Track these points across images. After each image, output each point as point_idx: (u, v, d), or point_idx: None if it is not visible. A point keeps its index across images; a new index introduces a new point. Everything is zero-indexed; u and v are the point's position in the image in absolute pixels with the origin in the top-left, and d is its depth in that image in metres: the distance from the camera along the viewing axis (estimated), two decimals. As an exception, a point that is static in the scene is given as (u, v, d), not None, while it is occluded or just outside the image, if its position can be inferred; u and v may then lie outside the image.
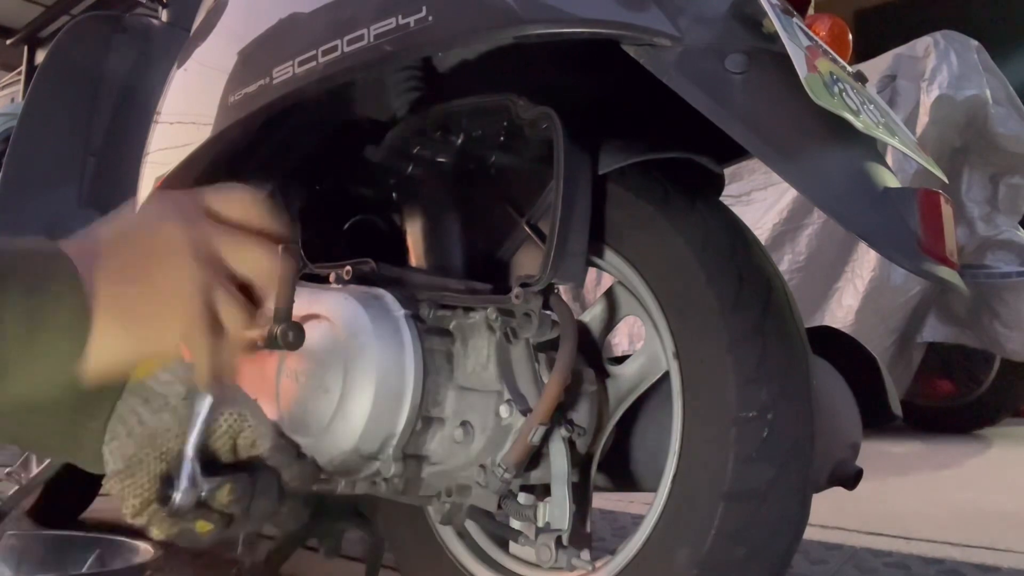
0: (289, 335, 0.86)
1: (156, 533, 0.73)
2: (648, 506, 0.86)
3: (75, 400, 0.67)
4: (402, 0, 0.84)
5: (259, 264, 0.60)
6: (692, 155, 0.88)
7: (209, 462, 0.74)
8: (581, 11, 0.77)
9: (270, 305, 0.63)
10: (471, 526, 1.05)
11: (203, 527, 0.76)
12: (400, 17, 0.84)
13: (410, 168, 1.05)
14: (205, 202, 0.59)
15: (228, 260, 0.58)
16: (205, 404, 0.71)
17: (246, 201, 0.61)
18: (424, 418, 0.88)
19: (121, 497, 0.73)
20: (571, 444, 0.90)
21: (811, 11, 1.01)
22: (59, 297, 0.53)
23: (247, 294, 0.60)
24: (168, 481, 0.73)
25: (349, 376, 0.87)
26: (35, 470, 1.49)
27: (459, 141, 1.01)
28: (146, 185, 1.27)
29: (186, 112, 1.23)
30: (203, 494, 0.74)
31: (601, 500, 1.23)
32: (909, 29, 3.32)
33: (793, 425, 0.80)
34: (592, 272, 0.96)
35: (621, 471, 0.97)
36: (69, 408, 0.68)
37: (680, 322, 0.85)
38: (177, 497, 0.73)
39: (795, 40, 0.69)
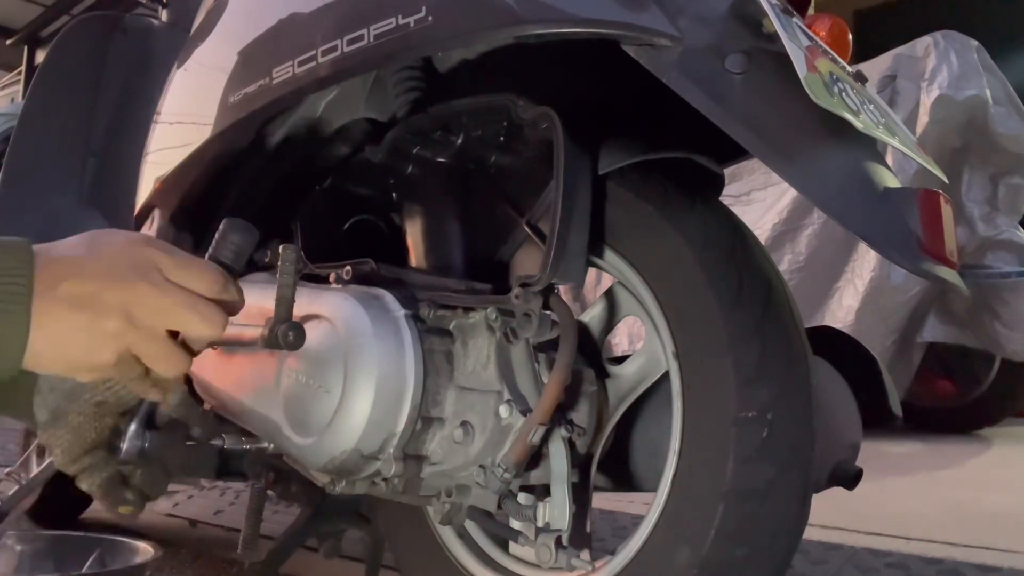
0: (290, 335, 0.86)
1: (85, 485, 0.83)
2: (648, 506, 0.86)
3: None
4: (402, 0, 0.84)
5: (196, 326, 0.62)
6: (692, 155, 0.88)
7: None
8: (581, 11, 0.77)
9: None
10: (471, 526, 1.05)
11: (125, 509, 0.84)
12: (400, 17, 0.84)
13: (410, 168, 1.05)
14: (166, 263, 0.62)
15: (165, 321, 0.61)
16: None
17: (205, 276, 0.63)
18: (424, 418, 0.88)
19: (49, 447, 0.82)
20: (571, 444, 0.90)
21: (811, 11, 1.01)
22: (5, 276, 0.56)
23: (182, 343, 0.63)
24: (116, 433, 0.86)
25: (349, 376, 0.87)
26: (35, 470, 1.49)
27: (459, 141, 1.01)
28: (146, 185, 1.27)
29: (186, 112, 1.23)
30: (146, 445, 0.90)
31: (601, 500, 1.23)
32: (909, 29, 3.32)
33: (793, 425, 0.80)
34: (592, 272, 0.96)
35: (621, 471, 0.97)
36: None
37: (680, 322, 0.85)
38: (123, 446, 0.88)
39: (795, 40, 0.69)
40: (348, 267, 0.99)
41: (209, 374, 1.09)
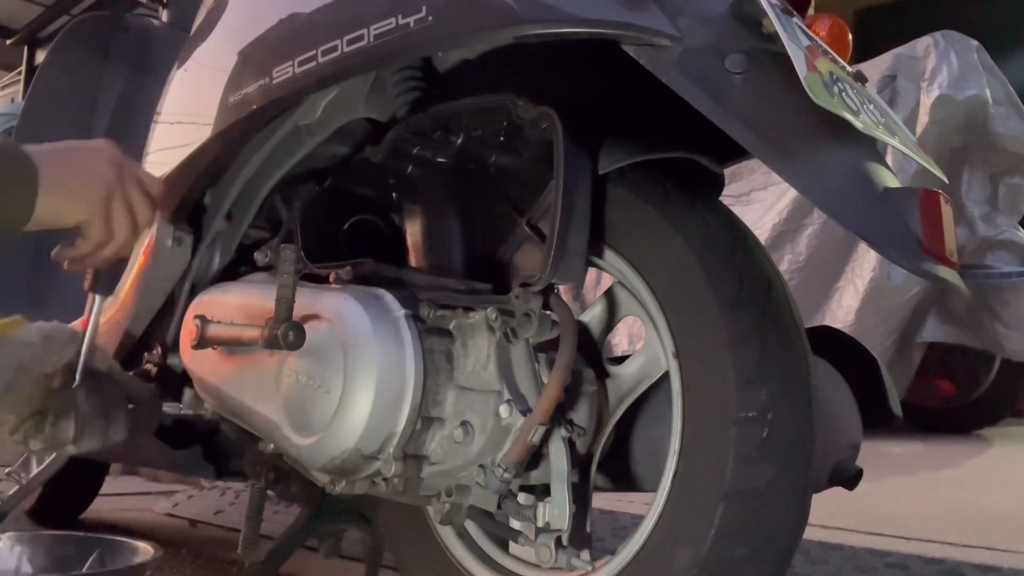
0: (290, 335, 0.87)
1: (27, 445, 1.02)
2: (648, 506, 0.86)
3: None
4: (402, 0, 0.84)
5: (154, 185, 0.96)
6: (692, 155, 0.88)
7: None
8: (581, 11, 0.77)
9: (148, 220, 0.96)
10: (471, 526, 1.05)
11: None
12: (400, 17, 0.84)
13: (410, 168, 1.05)
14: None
15: (131, 176, 0.92)
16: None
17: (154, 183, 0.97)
18: (424, 418, 0.88)
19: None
20: (571, 444, 0.90)
21: (811, 11, 1.01)
22: (14, 171, 0.83)
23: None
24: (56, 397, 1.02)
25: (349, 376, 0.87)
26: (35, 470, 1.49)
27: (459, 141, 1.01)
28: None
29: (186, 112, 1.23)
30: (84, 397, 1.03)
31: (601, 500, 1.23)
32: (909, 29, 3.32)
33: (793, 425, 0.80)
34: (592, 272, 0.96)
35: (621, 471, 0.97)
36: None
37: (680, 322, 0.85)
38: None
39: (795, 40, 0.69)
40: (348, 267, 0.99)
41: (209, 374, 1.09)
